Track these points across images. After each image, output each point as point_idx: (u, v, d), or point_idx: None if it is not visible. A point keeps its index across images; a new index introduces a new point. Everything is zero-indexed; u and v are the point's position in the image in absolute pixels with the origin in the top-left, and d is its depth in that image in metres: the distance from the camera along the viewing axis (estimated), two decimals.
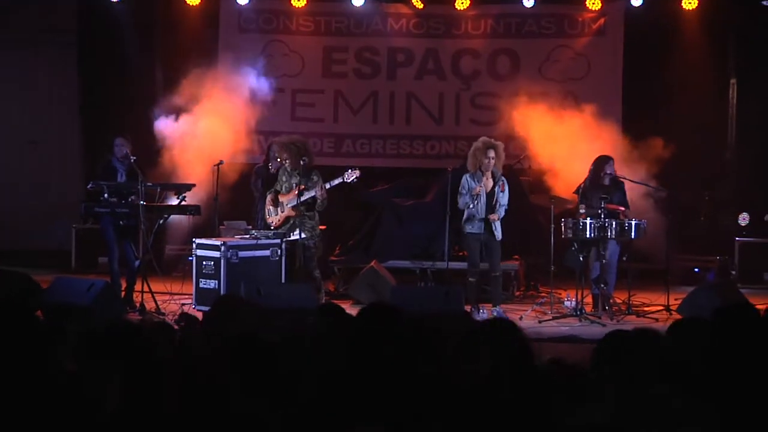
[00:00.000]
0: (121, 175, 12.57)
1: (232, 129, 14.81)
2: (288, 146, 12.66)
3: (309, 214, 12.54)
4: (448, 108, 16.60)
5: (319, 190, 12.41)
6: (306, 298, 11.55)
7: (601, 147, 13.50)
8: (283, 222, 12.64)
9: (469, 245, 12.51)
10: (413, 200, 14.94)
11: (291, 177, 12.69)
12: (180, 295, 12.82)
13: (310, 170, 12.65)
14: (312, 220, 12.60)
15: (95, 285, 11.56)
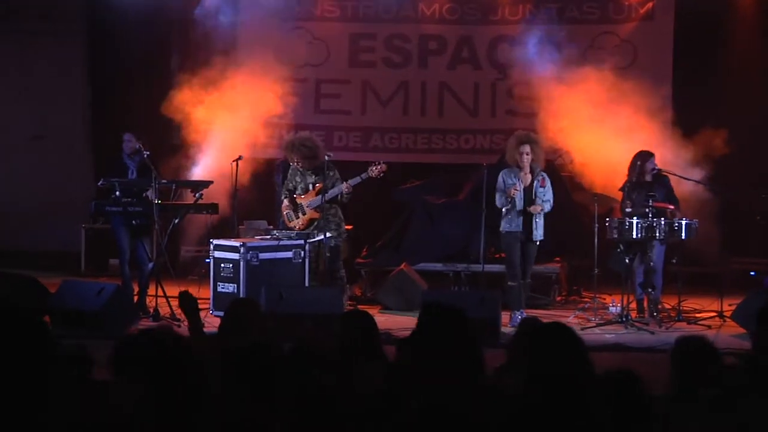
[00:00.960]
0: (132, 171, 12.63)
1: (251, 122, 14.85)
2: (297, 146, 12.69)
3: (332, 211, 12.56)
4: (484, 99, 16.57)
5: (344, 187, 12.43)
6: (332, 302, 11.57)
7: (649, 141, 13.45)
8: (306, 224, 12.65)
9: (508, 245, 12.46)
10: (446, 198, 14.94)
11: (305, 177, 12.71)
12: None
13: (323, 166, 12.65)
14: (336, 217, 12.62)
15: (106, 289, 11.64)
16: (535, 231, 12.31)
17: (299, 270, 12.57)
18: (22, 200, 17.76)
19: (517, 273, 12.39)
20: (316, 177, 12.58)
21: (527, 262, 12.41)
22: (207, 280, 12.72)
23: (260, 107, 14.92)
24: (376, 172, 12.56)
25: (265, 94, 14.98)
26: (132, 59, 16.67)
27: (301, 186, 12.76)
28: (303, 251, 12.58)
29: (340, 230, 12.64)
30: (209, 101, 14.73)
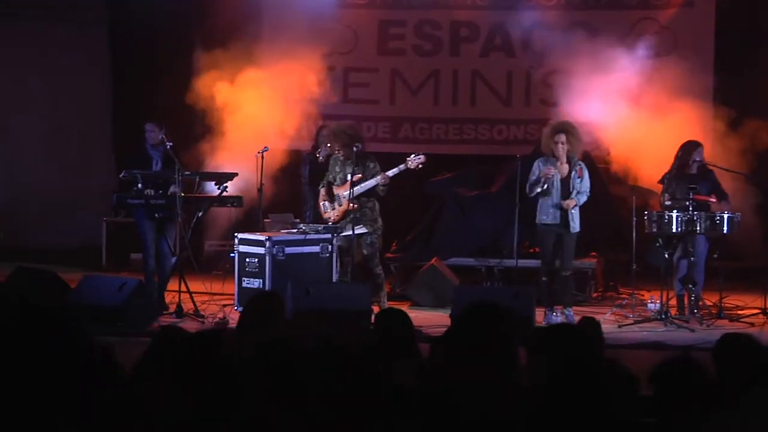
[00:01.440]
0: (157, 162, 12.68)
1: (277, 112, 14.88)
2: (338, 134, 12.67)
3: (369, 205, 12.55)
4: (518, 88, 16.55)
5: (381, 178, 12.39)
6: (360, 299, 11.59)
7: (689, 131, 13.40)
8: (341, 216, 12.65)
9: (542, 238, 12.44)
10: (478, 191, 14.93)
11: (345, 167, 12.70)
12: (221, 295, 12.93)
13: (365, 157, 12.67)
14: (373, 211, 12.60)
15: (128, 284, 11.70)
16: (572, 222, 12.23)
17: (326, 265, 12.60)
18: (42, 193, 17.85)
19: (551, 268, 12.35)
20: (356, 167, 12.56)
21: (566, 254, 12.34)
22: (231, 276, 12.77)
23: (286, 97, 14.95)
24: (414, 163, 12.52)
25: (291, 84, 15.00)
26: (154, 47, 16.74)
27: (340, 176, 12.73)
28: (330, 245, 12.59)
29: (376, 225, 12.60)
30: (233, 91, 14.78)
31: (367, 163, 12.64)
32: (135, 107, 16.18)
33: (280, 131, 14.87)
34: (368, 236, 12.56)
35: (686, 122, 13.96)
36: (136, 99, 16.59)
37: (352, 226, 12.53)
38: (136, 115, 14.99)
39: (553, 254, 12.39)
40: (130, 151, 13.33)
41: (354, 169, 12.56)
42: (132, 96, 16.88)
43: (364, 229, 12.53)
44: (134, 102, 16.62)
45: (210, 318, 11.94)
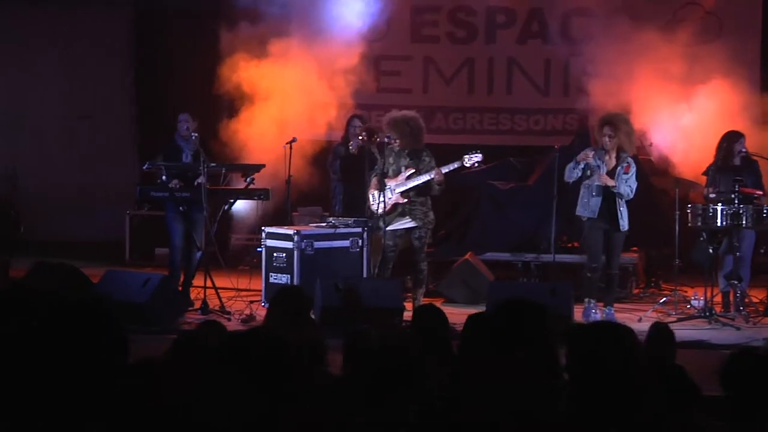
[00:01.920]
0: (187, 155, 12.72)
1: (306, 102, 14.89)
2: (398, 124, 12.62)
3: (420, 199, 12.51)
4: (556, 76, 16.50)
5: (434, 173, 12.32)
6: (391, 295, 11.59)
7: (734, 121, 13.33)
8: (390, 209, 12.61)
9: (588, 234, 12.35)
10: (514, 183, 14.90)
11: (399, 158, 12.65)
12: (247, 291, 12.96)
13: (421, 150, 12.62)
14: (424, 206, 12.55)
15: (152, 280, 11.74)
16: (621, 220, 12.06)
17: (356, 260, 12.60)
18: (63, 185, 17.93)
19: (593, 264, 12.26)
20: (411, 160, 12.52)
21: (612, 252, 12.22)
22: (259, 271, 12.80)
23: (315, 87, 14.95)
24: (471, 162, 12.44)
25: (320, 71, 15.01)
26: (179, 33, 16.77)
27: (393, 167, 12.69)
28: (360, 240, 12.59)
29: (426, 219, 12.54)
30: (261, 80, 14.79)
31: (423, 156, 12.57)
32: (160, 95, 16.23)
33: (309, 121, 14.87)
34: (417, 230, 12.51)
35: (732, 112, 13.87)
36: (161, 87, 16.63)
37: (400, 219, 12.50)
38: (160, 103, 15.07)
39: (599, 251, 12.26)
40: (159, 142, 13.37)
41: (410, 162, 12.53)
42: (156, 84, 16.91)
43: (413, 223, 12.49)
44: (159, 90, 16.66)
45: (236, 315, 11.97)
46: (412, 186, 12.45)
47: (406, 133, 12.47)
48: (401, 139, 12.50)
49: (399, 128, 12.54)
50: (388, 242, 12.47)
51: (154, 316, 11.28)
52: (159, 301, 11.50)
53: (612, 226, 12.09)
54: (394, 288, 11.84)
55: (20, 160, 16.40)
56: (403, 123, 12.54)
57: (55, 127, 18.11)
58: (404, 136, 12.49)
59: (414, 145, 12.51)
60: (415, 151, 12.52)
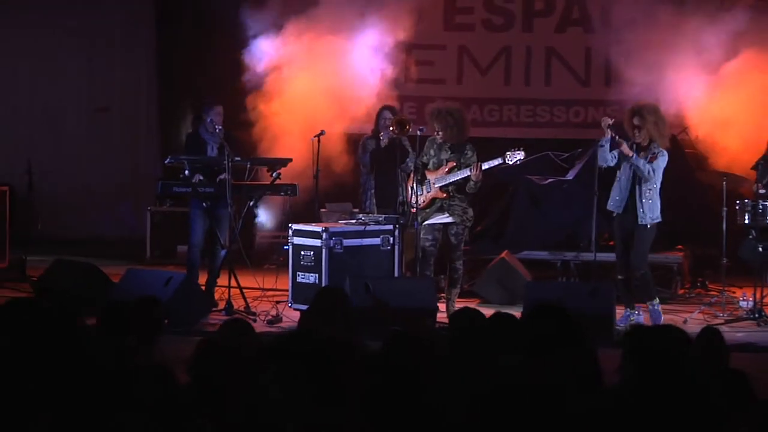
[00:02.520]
0: (212, 148, 12.75)
1: (335, 93, 14.88)
2: (441, 115, 12.61)
3: (460, 195, 12.49)
4: (597, 66, 16.45)
5: (474, 170, 12.28)
6: (425, 295, 11.58)
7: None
8: (428, 203, 12.60)
9: (613, 231, 12.30)
10: (553, 178, 14.88)
11: (441, 151, 12.64)
12: (273, 291, 12.98)
13: (464, 144, 12.60)
14: (464, 202, 12.53)
15: (174, 279, 11.78)
16: (641, 212, 11.86)
17: (388, 258, 12.59)
18: (81, 180, 18.01)
19: (621, 264, 12.16)
20: (452, 154, 12.51)
21: (635, 251, 11.94)
22: (285, 270, 12.80)
23: (344, 76, 14.95)
24: (513, 159, 12.38)
25: (350, 61, 15.00)
26: (204, 21, 16.80)
27: (434, 160, 12.67)
28: (392, 237, 12.59)
29: (465, 216, 12.51)
30: (288, 70, 14.80)
31: (465, 150, 12.54)
32: (183, 87, 16.26)
33: (338, 113, 14.85)
34: (455, 227, 12.49)
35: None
36: (185, 76, 16.66)
37: (437, 215, 12.49)
38: (183, 95, 15.11)
39: (619, 250, 12.14)
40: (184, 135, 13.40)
41: (451, 155, 12.51)
42: (180, 73, 16.95)
43: (451, 219, 12.47)
44: (183, 80, 16.69)
45: (262, 315, 11.99)
46: (452, 181, 12.43)
47: (450, 125, 12.47)
48: (444, 131, 12.50)
49: (442, 120, 12.54)
50: (427, 236, 12.45)
51: (177, 316, 11.29)
52: (181, 300, 11.52)
53: (634, 220, 11.96)
54: (428, 288, 11.83)
55: (36, 153, 16.43)
56: (447, 114, 12.54)
57: (73, 119, 18.18)
58: (447, 129, 12.49)
59: (457, 138, 12.50)
60: (457, 145, 12.51)
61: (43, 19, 18.00)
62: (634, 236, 11.94)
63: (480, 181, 12.31)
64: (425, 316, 11.28)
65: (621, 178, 11.98)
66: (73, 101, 18.17)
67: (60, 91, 18.12)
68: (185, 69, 16.91)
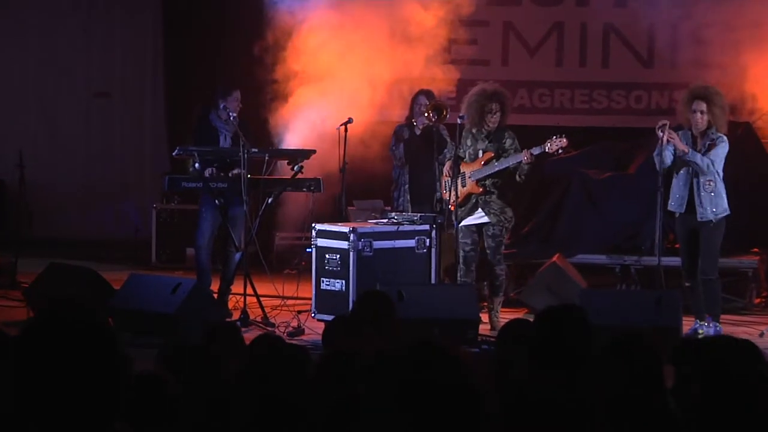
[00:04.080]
0: (225, 137, 12.77)
1: (363, 76, 14.86)
2: (506, 96, 12.65)
3: (497, 191, 12.45)
4: (661, 45, 16.38)
5: (524, 156, 12.20)
6: (465, 304, 11.57)
7: None
8: (463, 199, 12.57)
9: (677, 232, 12.24)
10: (611, 172, 14.84)
11: (477, 141, 12.62)
12: (294, 299, 12.97)
13: (502, 132, 12.56)
14: (502, 198, 12.49)
15: (183, 285, 11.78)
16: (702, 209, 11.79)
17: (423, 262, 12.58)
18: (79, 174, 18.07)
19: (686, 269, 12.11)
20: (490, 144, 12.48)
21: (703, 253, 11.88)
22: (308, 275, 12.80)
23: (373, 58, 14.92)
24: (555, 146, 12.34)
25: (381, 41, 14.98)
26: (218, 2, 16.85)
27: (470, 151, 12.66)
28: (428, 239, 12.57)
29: (503, 216, 12.48)
30: (311, 50, 14.77)
31: (504, 139, 12.50)
32: (192, 70, 16.27)
33: (367, 99, 14.82)
34: (492, 227, 12.46)
35: None
36: (196, 58, 16.68)
37: (472, 213, 12.46)
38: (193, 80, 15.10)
39: (683, 253, 12.08)
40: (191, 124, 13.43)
41: (488, 146, 12.49)
42: (191, 54, 16.97)
43: (486, 219, 12.45)
44: (193, 62, 16.71)
45: (282, 327, 11.99)
46: (489, 173, 12.40)
47: (508, 109, 12.52)
48: (503, 114, 12.52)
49: (507, 101, 12.60)
50: (465, 239, 12.44)
51: (186, 328, 11.29)
52: (191, 310, 11.52)
53: (692, 217, 11.85)
54: (468, 296, 11.81)
55: (29, 145, 16.50)
56: (507, 97, 12.59)
57: (70, 106, 18.22)
58: (506, 112, 12.52)
59: (502, 124, 12.50)
60: (495, 133, 12.47)
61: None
62: (699, 237, 11.89)
63: (530, 166, 12.26)
64: (466, 327, 11.26)
65: (679, 173, 11.90)
66: (69, 86, 18.21)
67: (54, 74, 18.16)
68: (197, 47, 16.92)
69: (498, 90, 12.66)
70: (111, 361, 3.86)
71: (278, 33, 14.73)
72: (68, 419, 3.73)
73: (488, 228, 12.48)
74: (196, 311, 11.57)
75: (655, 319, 10.76)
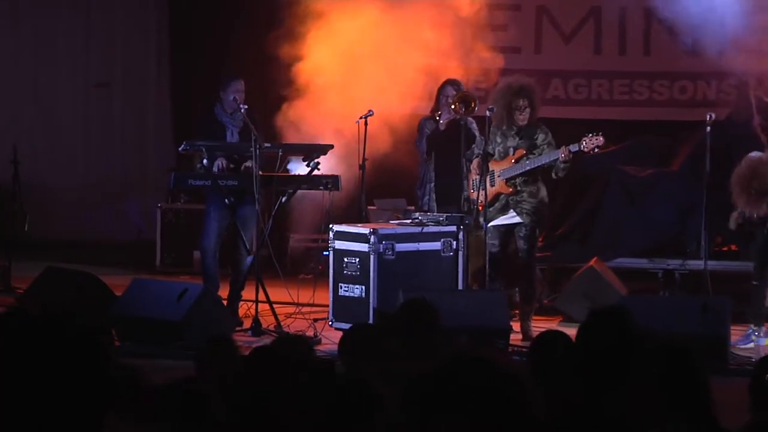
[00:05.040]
0: (232, 133, 12.77)
1: (384, 66, 14.86)
2: (535, 90, 12.63)
3: (529, 189, 12.44)
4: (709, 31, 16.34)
5: (562, 153, 12.17)
6: (496, 312, 11.56)
7: None
8: (491, 199, 12.56)
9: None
10: (653, 168, 14.82)
11: (507, 137, 12.61)
12: (310, 306, 12.98)
13: (534, 127, 12.54)
14: (535, 198, 12.48)
15: (190, 291, 11.80)
16: None
17: (450, 267, 12.57)
18: (78, 171, 18.10)
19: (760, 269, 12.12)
20: (520, 140, 12.47)
21: (759, 252, 12.10)
22: (325, 280, 12.81)
23: (397, 46, 14.92)
24: (590, 145, 12.33)
25: (404, 28, 14.99)
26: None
27: (500, 148, 12.65)
28: (455, 241, 12.56)
29: (537, 215, 12.45)
30: (329, 37, 14.78)
31: (536, 135, 12.49)
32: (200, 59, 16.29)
33: (390, 90, 14.82)
34: (524, 228, 12.45)
35: None
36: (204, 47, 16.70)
37: (502, 214, 12.46)
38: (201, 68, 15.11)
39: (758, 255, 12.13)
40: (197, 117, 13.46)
41: (519, 142, 12.47)
42: (199, 43, 17.00)
43: (518, 219, 12.43)
44: (200, 52, 16.73)
45: None
46: (520, 172, 12.39)
47: (537, 103, 12.50)
48: (533, 109, 12.51)
49: (534, 95, 12.58)
50: (493, 241, 12.45)
51: (193, 337, 11.30)
52: (198, 318, 11.54)
53: None
54: (498, 303, 11.80)
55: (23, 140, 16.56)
56: (535, 91, 12.57)
57: (67, 97, 18.25)
58: (535, 108, 12.51)
59: (533, 119, 12.48)
60: (527, 129, 12.46)
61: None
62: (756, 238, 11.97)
63: (568, 164, 12.25)
64: (496, 337, 11.25)
65: None
66: (67, 76, 18.24)
67: (51, 63, 18.19)
68: (205, 32, 16.95)
69: (525, 84, 12.66)
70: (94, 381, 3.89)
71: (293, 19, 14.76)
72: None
73: (520, 229, 12.48)
74: (204, 319, 11.60)
75: (701, 327, 10.73)
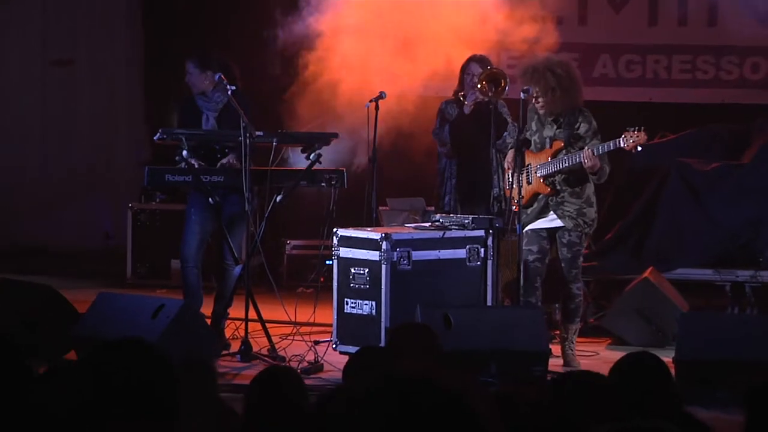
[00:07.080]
0: (208, 119, 12.79)
1: (400, 40, 14.88)
2: (540, 72, 12.53)
3: (572, 189, 12.42)
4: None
5: (585, 156, 12.08)
6: (531, 332, 11.55)
7: None
8: (529, 199, 12.55)
9: None
10: (719, 162, 14.81)
11: (544, 125, 12.58)
12: (310, 326, 12.98)
13: (575, 114, 12.48)
14: (580, 198, 12.43)
15: (166, 307, 11.81)
16: None
17: (477, 279, 12.57)
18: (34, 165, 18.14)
19: None
20: (558, 130, 12.44)
21: None
22: (328, 295, 12.81)
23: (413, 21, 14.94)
24: (631, 143, 12.29)
25: None
26: None
27: (536, 138, 12.62)
28: (483, 248, 12.56)
29: (582, 219, 12.42)
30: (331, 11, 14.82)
31: (578, 122, 12.44)
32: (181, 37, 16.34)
33: (405, 69, 14.84)
34: (567, 233, 12.42)
35: None
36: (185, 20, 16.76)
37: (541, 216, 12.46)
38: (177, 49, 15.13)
39: None
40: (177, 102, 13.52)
41: (557, 133, 12.45)
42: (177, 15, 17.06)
43: (560, 223, 12.42)
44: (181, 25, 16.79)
45: (294, 361, 11.98)
46: (558, 168, 12.37)
47: (551, 84, 12.38)
48: (545, 96, 12.41)
49: (543, 79, 12.47)
50: (530, 247, 12.40)
51: None
52: (177, 338, 11.53)
53: None
54: (534, 321, 11.79)
55: None
56: (548, 72, 12.46)
57: (22, 76, 18.31)
58: (549, 92, 12.39)
59: (565, 106, 12.41)
60: (567, 116, 12.42)
61: None
62: None
63: (600, 171, 12.19)
64: (532, 362, 11.24)
65: None
66: (22, 51, 18.30)
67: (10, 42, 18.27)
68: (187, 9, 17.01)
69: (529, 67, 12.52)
70: None
71: None
72: None
73: (563, 234, 12.44)
74: (184, 341, 11.59)
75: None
